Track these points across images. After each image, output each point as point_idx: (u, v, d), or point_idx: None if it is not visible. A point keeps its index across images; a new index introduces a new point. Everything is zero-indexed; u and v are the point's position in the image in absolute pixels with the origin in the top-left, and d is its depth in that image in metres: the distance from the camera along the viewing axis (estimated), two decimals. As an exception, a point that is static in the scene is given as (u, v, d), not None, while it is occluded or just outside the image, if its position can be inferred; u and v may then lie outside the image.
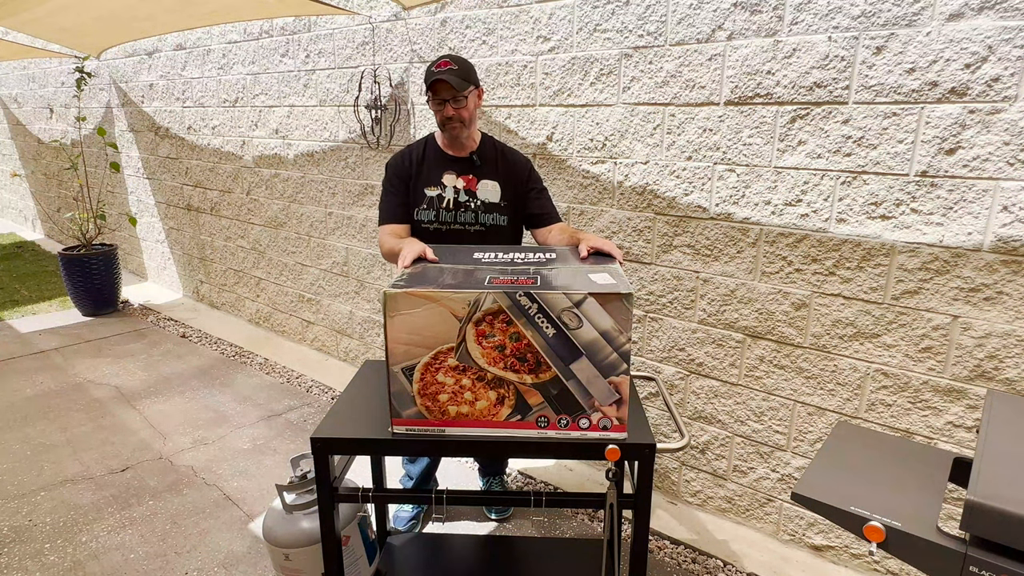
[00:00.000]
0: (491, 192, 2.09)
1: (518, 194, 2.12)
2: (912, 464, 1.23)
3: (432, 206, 2.06)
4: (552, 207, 2.15)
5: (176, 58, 4.62)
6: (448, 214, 2.06)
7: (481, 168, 2.09)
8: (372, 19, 3.22)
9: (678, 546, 2.35)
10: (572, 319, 1.34)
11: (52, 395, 3.60)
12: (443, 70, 1.93)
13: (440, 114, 1.99)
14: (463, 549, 2.05)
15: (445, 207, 2.06)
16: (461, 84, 1.94)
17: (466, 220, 2.07)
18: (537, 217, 2.12)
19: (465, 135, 2.06)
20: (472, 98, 2.01)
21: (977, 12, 1.69)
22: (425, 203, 2.06)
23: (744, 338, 2.28)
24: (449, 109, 1.97)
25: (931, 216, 1.85)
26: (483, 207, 2.08)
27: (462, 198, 2.07)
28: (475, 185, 2.08)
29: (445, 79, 1.91)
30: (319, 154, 3.73)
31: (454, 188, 2.07)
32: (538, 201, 2.13)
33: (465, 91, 1.96)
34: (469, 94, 1.99)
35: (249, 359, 4.13)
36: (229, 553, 2.32)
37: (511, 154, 2.16)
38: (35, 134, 7.04)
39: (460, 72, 1.95)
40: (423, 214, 2.07)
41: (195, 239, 5.07)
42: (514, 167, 2.13)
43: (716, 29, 2.13)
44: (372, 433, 1.47)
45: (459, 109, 1.98)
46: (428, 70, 1.96)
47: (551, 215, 2.13)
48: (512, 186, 2.11)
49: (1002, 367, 1.81)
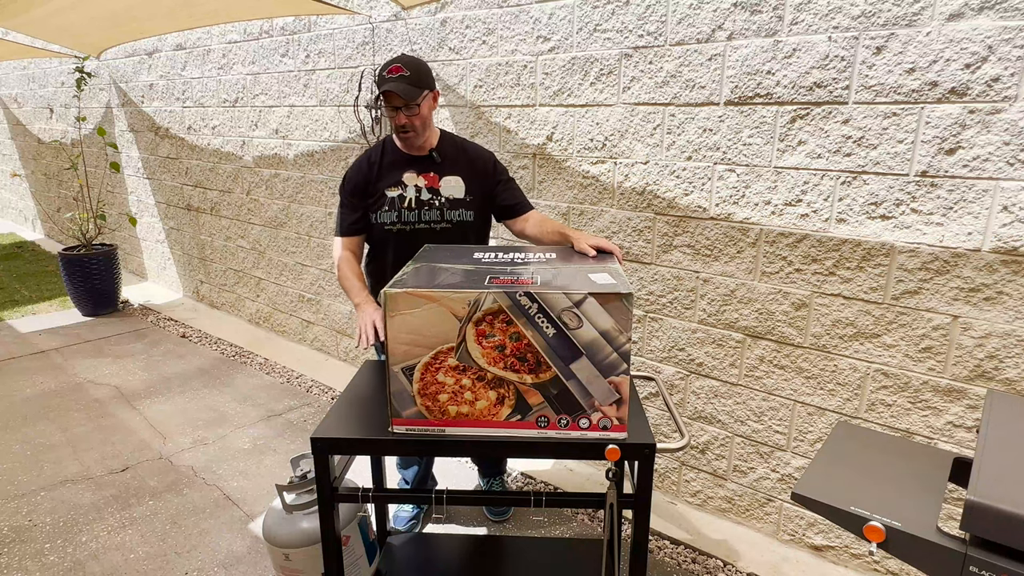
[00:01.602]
0: (455, 188, 2.05)
1: (485, 188, 2.09)
2: (912, 464, 1.23)
3: (393, 207, 2.01)
4: (523, 196, 2.12)
5: (176, 58, 4.62)
6: (411, 214, 2.02)
7: (442, 164, 2.05)
8: (372, 19, 3.23)
9: (678, 546, 2.35)
10: (572, 319, 1.34)
11: (52, 395, 3.60)
12: (393, 77, 1.87)
13: (393, 120, 1.94)
14: (463, 549, 2.05)
15: (407, 207, 2.02)
16: (412, 92, 1.88)
17: (431, 218, 2.03)
18: (510, 208, 2.10)
19: (420, 142, 2.01)
20: (426, 103, 1.95)
21: (977, 12, 1.69)
22: (386, 204, 2.02)
23: (744, 338, 2.28)
24: (402, 117, 1.92)
25: (931, 216, 1.85)
26: (448, 204, 2.04)
27: (424, 196, 2.03)
28: (437, 182, 2.04)
29: (394, 89, 1.86)
30: (319, 154, 3.73)
31: (415, 187, 2.02)
32: (507, 192, 2.10)
33: (417, 99, 1.90)
34: (423, 100, 1.93)
35: (249, 359, 4.13)
36: (229, 553, 2.32)
37: (472, 149, 2.13)
38: (35, 134, 7.04)
39: (411, 78, 1.89)
40: (384, 216, 2.02)
41: (195, 239, 5.07)
42: (477, 161, 2.09)
43: (716, 29, 2.13)
44: (372, 433, 1.47)
45: (412, 117, 1.93)
46: (380, 75, 1.91)
47: (523, 204, 2.11)
48: (477, 180, 2.07)
49: (1002, 367, 1.81)
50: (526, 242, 2.63)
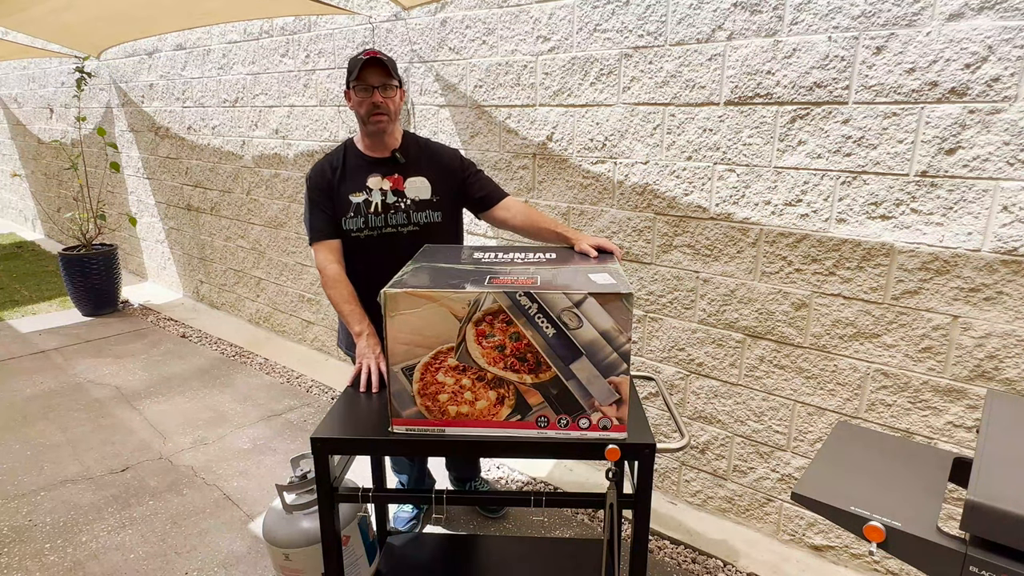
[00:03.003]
0: (421, 189, 2.00)
1: (453, 186, 2.04)
2: (912, 464, 1.23)
3: (359, 212, 1.96)
4: (495, 185, 2.08)
5: (176, 58, 4.62)
6: (377, 218, 1.97)
7: (406, 165, 2.00)
8: (372, 19, 3.23)
9: (678, 546, 2.35)
10: (572, 319, 1.34)
11: (52, 395, 3.60)
12: (372, 57, 1.87)
13: (367, 102, 1.88)
14: (463, 549, 2.05)
15: (373, 211, 1.96)
16: (393, 73, 1.89)
17: (398, 222, 1.98)
18: (483, 199, 2.05)
19: (390, 129, 1.96)
20: (399, 92, 1.96)
21: (977, 12, 1.69)
22: (352, 211, 1.96)
23: (744, 338, 2.28)
24: (377, 96, 1.88)
25: (931, 216, 1.85)
26: (414, 205, 1.99)
27: (390, 199, 1.97)
28: (402, 184, 1.99)
29: (379, 60, 1.86)
30: (319, 154, 3.73)
31: (380, 190, 1.97)
32: (478, 184, 2.06)
33: (394, 80, 1.90)
34: (398, 87, 1.94)
35: (249, 359, 4.13)
36: (229, 553, 2.32)
37: (436, 147, 2.09)
38: (35, 134, 7.04)
39: (389, 62, 1.89)
40: (351, 222, 1.96)
41: (195, 239, 5.07)
42: (442, 159, 2.05)
43: (716, 29, 2.13)
44: (372, 433, 1.47)
45: (387, 99, 1.90)
46: (354, 59, 1.89)
47: (496, 192, 2.06)
48: (445, 179, 2.03)
49: (1002, 367, 1.81)
50: (525, 240, 2.63)
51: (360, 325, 1.83)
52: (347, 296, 1.90)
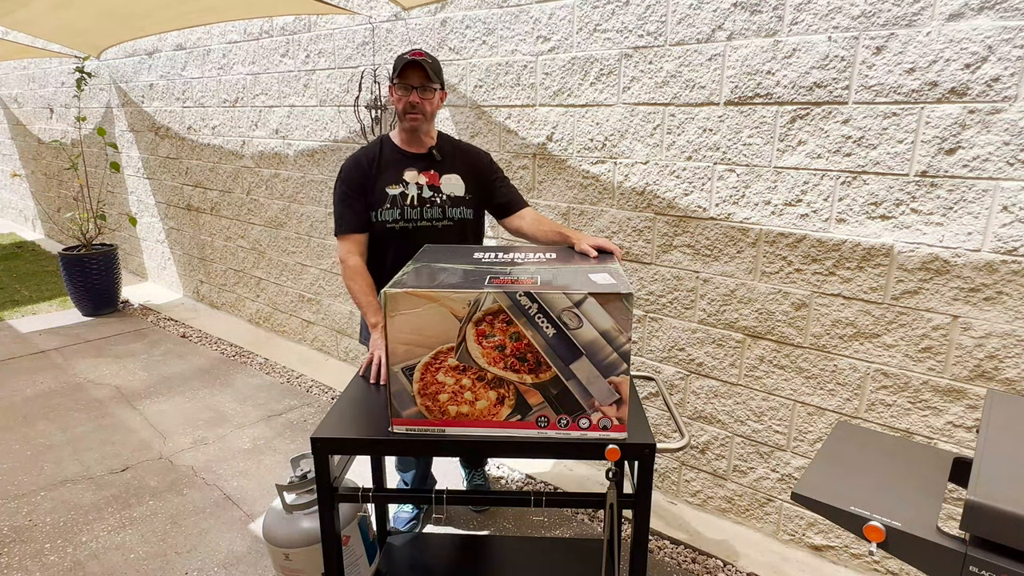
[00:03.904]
0: (455, 186, 2.07)
1: (482, 186, 2.12)
2: (912, 464, 1.23)
3: (396, 204, 2.02)
4: (518, 194, 2.16)
5: (176, 58, 4.62)
6: (413, 211, 2.03)
7: (442, 163, 2.07)
8: (372, 19, 3.23)
9: (678, 546, 2.35)
10: (572, 319, 1.34)
11: (52, 395, 3.60)
12: (418, 58, 1.93)
13: (404, 100, 1.95)
14: (463, 549, 2.05)
15: (409, 204, 2.03)
16: (433, 75, 1.95)
17: (433, 216, 2.04)
18: (504, 206, 2.13)
19: (424, 129, 2.04)
20: (438, 94, 2.02)
21: (977, 12, 1.69)
22: (388, 202, 2.02)
23: (744, 338, 2.28)
24: (415, 96, 1.95)
25: (931, 216, 1.85)
26: (449, 201, 2.06)
27: (426, 194, 2.04)
28: (438, 180, 2.06)
29: (422, 65, 1.91)
30: (319, 154, 3.73)
31: (417, 184, 2.04)
32: (504, 190, 2.14)
33: (435, 83, 1.97)
34: (437, 89, 1.99)
35: (249, 359, 4.13)
36: (229, 553, 2.32)
37: (469, 148, 2.17)
38: (35, 134, 7.04)
39: (433, 64, 1.96)
40: (386, 214, 2.02)
41: (195, 239, 5.07)
42: (474, 159, 2.13)
43: (716, 29, 2.13)
44: (372, 433, 1.47)
45: (424, 100, 1.96)
46: (400, 56, 1.96)
47: (517, 202, 2.14)
48: (475, 178, 2.10)
49: (1002, 367, 1.81)
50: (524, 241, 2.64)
51: (376, 317, 1.89)
52: (366, 288, 1.97)
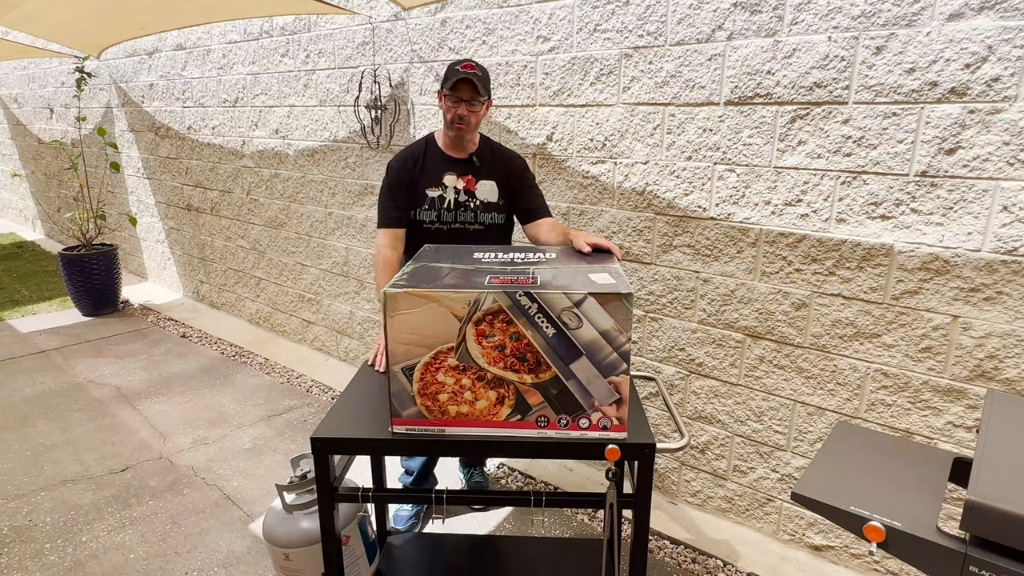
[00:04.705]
0: (489, 192, 2.14)
1: (513, 190, 2.16)
2: (912, 464, 1.23)
3: (434, 207, 2.10)
4: (543, 203, 2.19)
5: (176, 58, 4.62)
6: (449, 214, 2.11)
7: (480, 168, 2.14)
8: (372, 19, 3.23)
9: (678, 546, 2.35)
10: (572, 319, 1.34)
11: (52, 395, 3.60)
12: (470, 72, 1.98)
13: (453, 111, 2.02)
14: (463, 549, 2.05)
15: (446, 207, 2.11)
16: (483, 89, 2.00)
17: (466, 219, 2.12)
18: (528, 211, 2.17)
19: (468, 138, 2.11)
20: (486, 105, 2.07)
21: (977, 12, 1.69)
22: (427, 204, 2.11)
23: (744, 338, 2.28)
24: (464, 109, 2.01)
25: (931, 216, 1.85)
26: (482, 207, 2.13)
27: (462, 198, 2.12)
28: (474, 185, 2.13)
29: (473, 80, 1.97)
30: (319, 154, 3.73)
31: (455, 188, 2.11)
32: (530, 196, 2.18)
33: (483, 96, 2.02)
34: (485, 101, 2.05)
35: (249, 359, 4.13)
36: (229, 553, 2.32)
37: (507, 153, 2.22)
38: (35, 134, 7.04)
39: (483, 78, 2.02)
40: (424, 214, 2.11)
41: (195, 239, 5.07)
42: (510, 165, 2.18)
43: (716, 29, 2.13)
44: (372, 433, 1.47)
45: (472, 112, 2.03)
46: (452, 67, 2.01)
47: (542, 209, 2.17)
48: (508, 184, 2.16)
49: (1002, 367, 1.81)
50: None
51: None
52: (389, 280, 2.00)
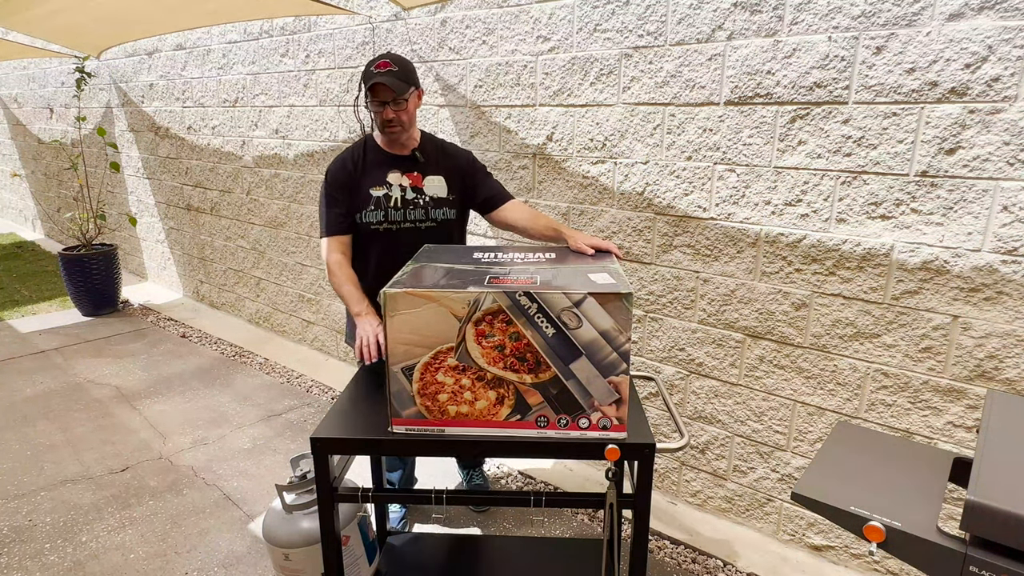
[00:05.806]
0: (438, 187, 2.08)
1: (466, 185, 2.12)
2: (912, 464, 1.23)
3: (380, 206, 2.02)
4: (502, 188, 2.15)
5: (176, 58, 4.62)
6: (397, 213, 2.04)
7: (425, 164, 2.08)
8: (372, 19, 3.23)
9: (678, 546, 2.35)
10: (572, 319, 1.34)
11: (52, 395, 3.60)
12: (382, 72, 1.90)
13: (380, 116, 1.96)
14: (463, 549, 2.05)
15: (393, 206, 2.03)
16: (401, 87, 1.91)
17: (416, 217, 2.05)
18: (490, 199, 2.12)
19: (405, 137, 2.04)
20: (412, 100, 1.99)
21: (977, 12, 1.69)
22: (372, 204, 2.02)
23: (744, 338, 2.28)
24: (389, 112, 1.94)
25: (931, 216, 1.85)
26: (432, 202, 2.06)
27: (409, 196, 2.05)
28: (421, 181, 2.07)
29: (384, 82, 1.89)
30: (319, 154, 3.73)
31: (400, 186, 2.05)
32: (488, 184, 2.13)
33: (405, 94, 1.94)
34: (410, 96, 1.97)
35: (249, 359, 4.13)
36: (229, 553, 2.32)
37: (451, 148, 2.17)
38: (35, 134, 7.04)
39: (400, 74, 1.92)
40: (370, 215, 2.03)
41: (195, 239, 5.07)
42: (456, 159, 2.13)
43: (716, 29, 2.13)
44: (372, 433, 1.47)
45: (399, 112, 1.95)
46: (367, 70, 1.93)
47: (503, 194, 2.13)
48: (458, 178, 2.11)
49: (1002, 367, 1.81)
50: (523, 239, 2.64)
51: (359, 306, 1.87)
52: (345, 279, 1.96)
